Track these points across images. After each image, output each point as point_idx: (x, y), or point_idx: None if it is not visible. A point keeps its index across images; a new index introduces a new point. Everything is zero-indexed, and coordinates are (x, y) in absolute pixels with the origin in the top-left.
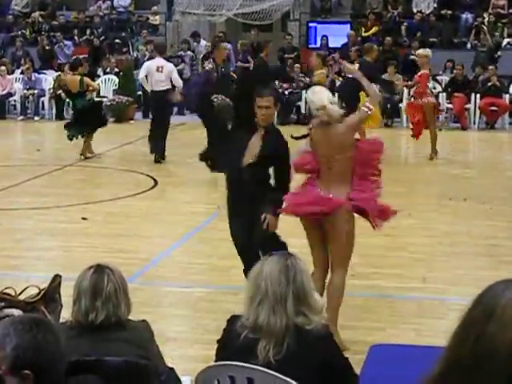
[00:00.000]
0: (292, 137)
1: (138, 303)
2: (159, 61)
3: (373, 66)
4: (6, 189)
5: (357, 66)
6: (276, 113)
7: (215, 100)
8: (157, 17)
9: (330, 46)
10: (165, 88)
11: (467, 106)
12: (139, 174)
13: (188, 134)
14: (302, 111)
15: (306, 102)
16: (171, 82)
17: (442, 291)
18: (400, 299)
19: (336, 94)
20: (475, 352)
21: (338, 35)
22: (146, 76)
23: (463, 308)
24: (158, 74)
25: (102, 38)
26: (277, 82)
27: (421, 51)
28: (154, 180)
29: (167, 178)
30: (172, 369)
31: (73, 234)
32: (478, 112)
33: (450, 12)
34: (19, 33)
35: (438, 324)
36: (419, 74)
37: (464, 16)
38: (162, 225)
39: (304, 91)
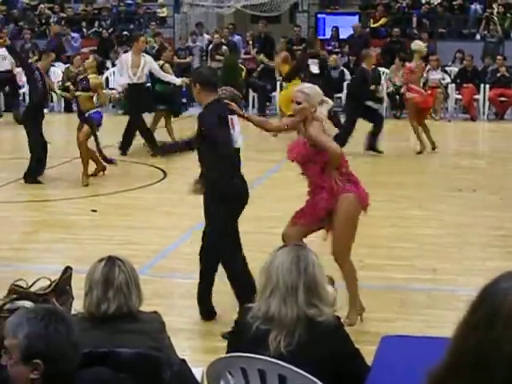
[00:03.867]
0: None
1: (148, 295)
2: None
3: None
4: (16, 181)
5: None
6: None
7: (224, 92)
8: (164, 9)
9: (340, 37)
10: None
11: (476, 96)
12: (148, 166)
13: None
14: None
15: None
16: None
17: (452, 282)
18: (410, 290)
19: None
20: (478, 353)
21: (346, 26)
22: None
23: (468, 303)
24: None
25: (111, 30)
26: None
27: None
28: (163, 172)
29: (176, 169)
30: (184, 360)
31: (83, 226)
32: (487, 103)
33: (459, 2)
34: (27, 25)
35: (448, 315)
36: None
37: (473, 7)
38: (171, 216)
39: None
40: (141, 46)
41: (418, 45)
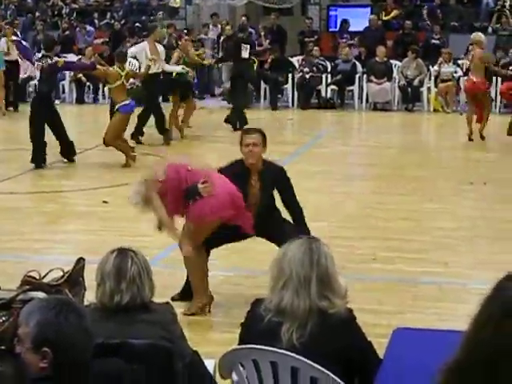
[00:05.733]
0: None
1: (160, 286)
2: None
3: None
4: (29, 172)
5: None
6: None
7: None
8: (178, 0)
9: (351, 29)
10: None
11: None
12: (161, 157)
13: (208, 118)
14: (323, 95)
15: (326, 86)
16: None
17: (463, 276)
18: (421, 283)
19: None
20: (491, 348)
21: (358, 19)
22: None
23: (483, 295)
24: None
25: (123, 21)
26: (297, 64)
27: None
28: None
29: None
30: (196, 351)
31: (95, 217)
32: (499, 96)
33: None
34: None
35: (460, 308)
36: None
37: (485, 0)
38: None
39: (324, 75)
40: (157, 36)
41: (478, 36)
